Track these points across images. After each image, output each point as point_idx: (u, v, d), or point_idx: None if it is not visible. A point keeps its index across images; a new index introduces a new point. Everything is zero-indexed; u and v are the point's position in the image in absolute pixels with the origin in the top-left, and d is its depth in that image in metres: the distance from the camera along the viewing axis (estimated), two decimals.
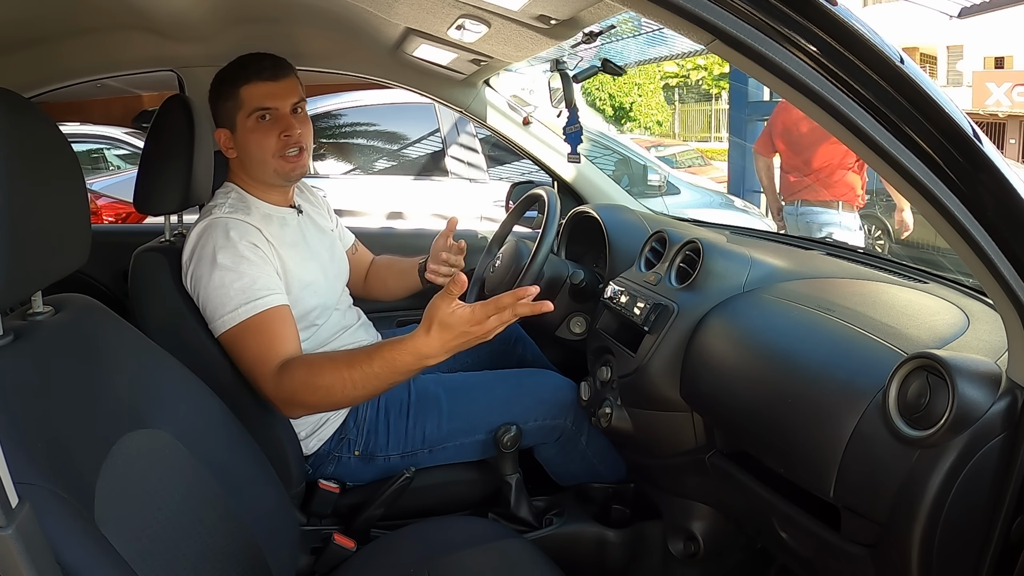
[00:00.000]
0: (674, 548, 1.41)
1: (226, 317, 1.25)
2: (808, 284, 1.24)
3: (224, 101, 1.36)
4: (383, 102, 4.33)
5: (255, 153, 1.36)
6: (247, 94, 1.34)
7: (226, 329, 1.26)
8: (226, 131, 1.38)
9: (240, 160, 1.40)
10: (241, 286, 1.25)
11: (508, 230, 1.75)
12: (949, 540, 0.79)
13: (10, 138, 0.70)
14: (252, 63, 1.35)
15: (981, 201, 0.69)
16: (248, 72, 1.34)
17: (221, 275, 1.25)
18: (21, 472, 0.61)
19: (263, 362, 1.23)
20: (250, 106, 1.34)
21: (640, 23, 1.40)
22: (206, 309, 1.28)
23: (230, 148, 1.39)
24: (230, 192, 1.39)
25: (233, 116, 1.36)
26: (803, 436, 0.95)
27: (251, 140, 1.36)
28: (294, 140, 1.36)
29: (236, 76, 1.35)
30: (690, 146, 12.66)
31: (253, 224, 1.31)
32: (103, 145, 6.59)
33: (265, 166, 1.37)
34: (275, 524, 1.08)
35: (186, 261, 1.31)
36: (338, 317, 1.49)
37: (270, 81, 1.34)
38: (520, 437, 1.42)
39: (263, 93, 1.34)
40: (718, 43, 0.71)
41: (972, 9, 6.91)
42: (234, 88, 1.35)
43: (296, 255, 1.37)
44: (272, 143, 1.35)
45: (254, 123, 1.35)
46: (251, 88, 1.34)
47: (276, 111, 1.35)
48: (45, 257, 0.78)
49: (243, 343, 1.25)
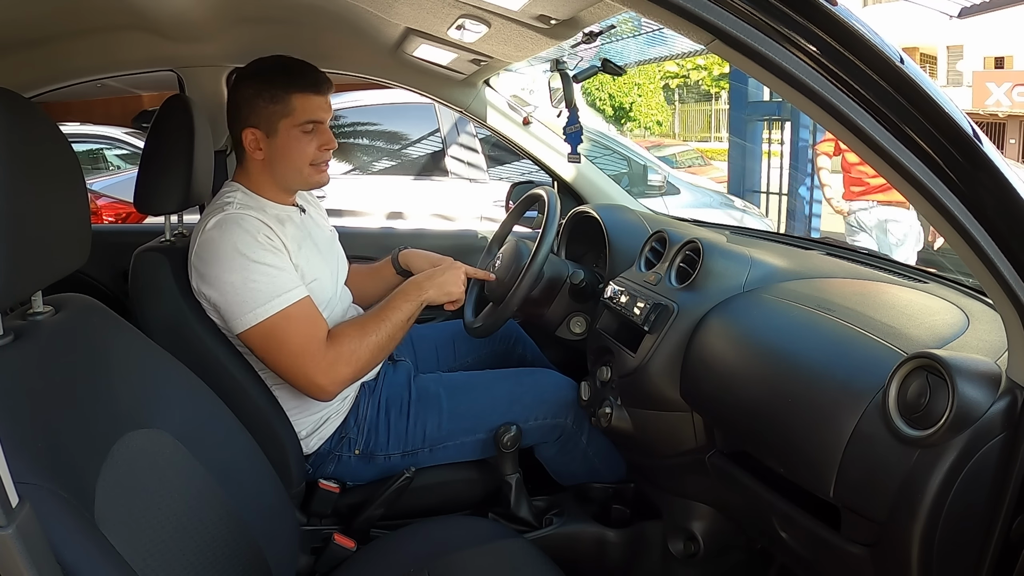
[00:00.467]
0: (674, 548, 1.41)
1: (259, 310, 1.25)
2: (808, 284, 1.24)
3: (269, 104, 1.33)
4: (383, 102, 4.33)
5: (294, 160, 1.36)
6: (300, 103, 1.34)
7: (259, 322, 1.25)
8: (259, 132, 1.35)
9: (267, 162, 1.38)
10: (270, 279, 1.26)
11: (508, 230, 1.75)
12: (949, 539, 0.79)
13: (10, 138, 0.70)
14: (305, 72, 1.36)
15: (981, 201, 0.69)
16: (303, 81, 1.34)
17: (247, 270, 1.25)
18: (21, 472, 0.61)
19: (315, 341, 1.28)
20: (302, 116, 1.34)
21: (640, 23, 1.40)
22: (229, 306, 1.26)
23: (258, 150, 1.37)
24: (236, 191, 1.38)
25: (276, 120, 1.34)
26: (803, 436, 0.95)
27: (293, 147, 1.36)
28: (330, 152, 1.40)
29: (288, 83, 1.34)
30: (690, 146, 12.67)
31: (264, 221, 1.31)
32: (103, 145, 6.59)
33: (299, 173, 1.38)
34: (275, 524, 1.08)
35: (196, 260, 1.29)
36: (341, 309, 1.49)
37: (321, 95, 1.36)
38: (520, 437, 1.42)
39: (315, 105, 1.35)
40: (718, 43, 0.71)
41: (972, 9, 6.91)
42: (285, 94, 1.33)
43: (304, 252, 1.37)
44: (311, 152, 1.37)
45: (299, 132, 1.35)
46: (304, 99, 1.34)
47: (322, 124, 1.38)
48: (45, 257, 0.78)
49: (286, 331, 1.26)
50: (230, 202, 1.33)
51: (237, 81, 1.39)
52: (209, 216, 1.32)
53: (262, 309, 1.25)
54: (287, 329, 1.26)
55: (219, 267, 1.26)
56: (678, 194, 4.66)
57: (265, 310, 1.25)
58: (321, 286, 1.40)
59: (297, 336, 1.27)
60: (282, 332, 1.26)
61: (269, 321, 1.25)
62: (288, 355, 1.27)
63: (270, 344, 1.27)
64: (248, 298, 1.25)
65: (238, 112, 1.37)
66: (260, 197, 1.39)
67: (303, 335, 1.27)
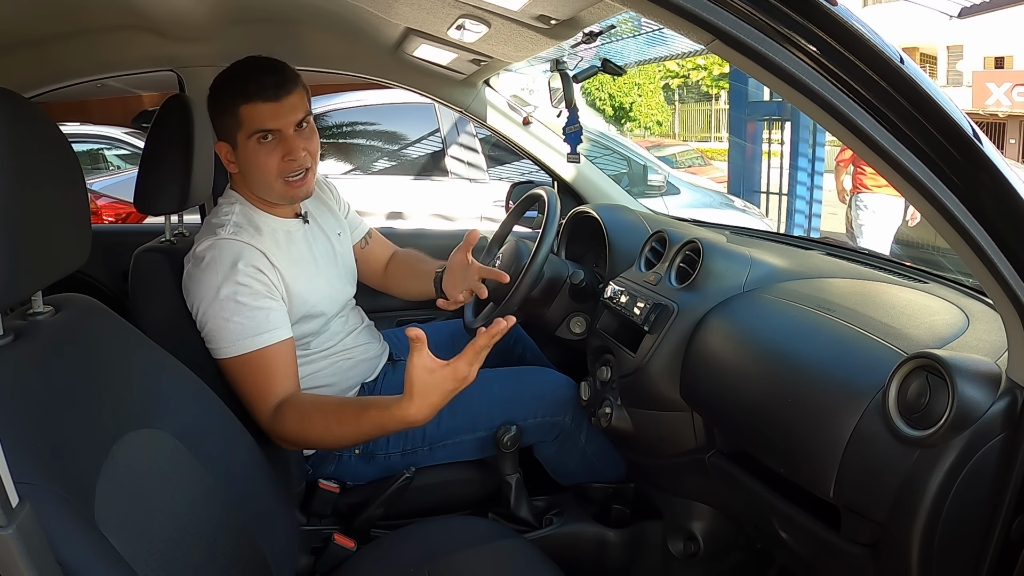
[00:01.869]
0: (674, 548, 1.41)
1: (223, 347, 1.25)
2: (808, 284, 1.24)
3: (223, 117, 1.30)
4: (383, 102, 4.33)
5: (257, 175, 1.31)
6: (247, 114, 1.27)
7: (221, 358, 1.26)
8: (227, 146, 1.32)
9: (241, 176, 1.35)
10: (242, 320, 1.24)
11: (508, 230, 1.75)
12: (949, 540, 0.79)
13: (10, 138, 0.70)
14: (252, 78, 1.27)
15: (981, 201, 0.69)
16: (249, 90, 1.26)
17: (222, 305, 1.24)
18: (21, 472, 0.61)
19: (259, 398, 1.24)
20: (250, 127, 1.27)
21: (640, 23, 1.39)
22: (203, 329, 1.27)
23: (231, 163, 1.33)
24: (235, 205, 1.34)
25: (233, 134, 1.29)
26: (803, 436, 0.95)
27: (253, 162, 1.30)
28: (298, 164, 1.30)
29: (236, 92, 1.27)
30: (690, 146, 12.66)
31: (259, 248, 1.27)
32: (103, 145, 6.59)
33: (269, 188, 1.32)
34: (275, 524, 1.08)
35: (186, 278, 1.29)
36: (340, 323, 1.48)
37: (272, 101, 1.26)
38: (520, 437, 1.42)
39: (265, 114, 1.26)
40: (718, 43, 0.71)
41: (972, 9, 6.91)
42: (233, 105, 1.27)
43: (302, 274, 1.35)
44: (274, 166, 1.29)
45: (255, 144, 1.28)
46: (251, 108, 1.26)
47: (279, 132, 1.28)
48: (45, 257, 0.78)
49: (240, 376, 1.25)
50: (225, 223, 1.30)
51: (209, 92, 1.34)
52: (203, 236, 1.30)
53: (224, 349, 1.25)
54: (244, 373, 1.25)
55: (200, 295, 1.26)
56: (678, 194, 4.66)
57: (227, 350, 1.25)
58: (317, 300, 1.38)
59: (249, 383, 1.25)
60: (240, 374, 1.25)
61: (230, 360, 1.25)
62: (242, 396, 1.26)
63: (230, 378, 1.27)
64: (216, 334, 1.25)
65: (212, 125, 1.35)
66: (257, 211, 1.36)
67: (255, 384, 1.24)
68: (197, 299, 1.26)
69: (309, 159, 1.32)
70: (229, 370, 1.26)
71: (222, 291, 1.24)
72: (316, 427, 1.20)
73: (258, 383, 1.24)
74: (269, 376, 1.24)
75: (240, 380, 1.26)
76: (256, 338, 1.24)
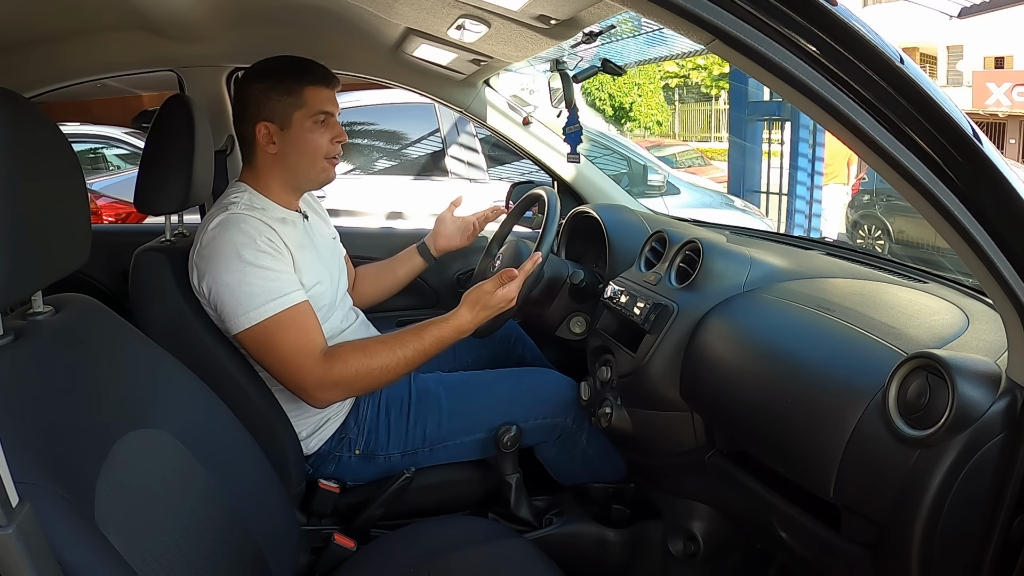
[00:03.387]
0: (674, 548, 1.41)
1: (252, 313, 1.25)
2: (808, 284, 1.24)
3: (280, 95, 1.36)
4: (383, 102, 4.33)
5: (308, 152, 1.39)
6: (313, 95, 1.37)
7: (252, 325, 1.26)
8: (272, 125, 1.37)
9: (279, 156, 1.39)
10: (266, 282, 1.26)
11: (508, 230, 1.75)
12: (949, 539, 0.79)
13: (10, 138, 0.70)
14: (314, 66, 1.39)
15: (981, 201, 0.69)
16: (314, 75, 1.38)
17: (244, 272, 1.25)
18: (21, 471, 0.61)
19: (306, 352, 1.26)
20: (315, 107, 1.37)
21: (640, 23, 1.40)
22: (225, 306, 1.27)
23: (271, 143, 1.38)
24: (243, 191, 1.38)
25: (290, 113, 1.36)
26: (803, 436, 0.95)
27: (308, 139, 1.38)
28: (342, 146, 1.43)
29: (300, 75, 1.37)
30: (690, 146, 12.66)
31: (268, 223, 1.31)
32: (103, 145, 6.59)
33: (313, 166, 1.40)
34: (275, 524, 1.08)
35: (198, 258, 1.29)
36: (340, 315, 1.49)
37: (332, 88, 1.40)
38: (520, 437, 1.42)
39: (327, 97, 1.39)
40: (718, 43, 0.71)
41: (972, 9, 6.91)
42: (298, 86, 1.36)
43: (306, 256, 1.37)
44: (325, 145, 1.39)
45: (312, 124, 1.37)
46: (317, 91, 1.37)
47: (332, 116, 1.40)
48: (45, 257, 0.78)
49: (278, 337, 1.26)
50: (235, 202, 1.34)
51: (245, 79, 1.40)
52: (213, 215, 1.32)
53: (256, 312, 1.25)
54: (281, 333, 1.26)
55: (217, 267, 1.26)
56: (678, 194, 4.67)
57: (259, 313, 1.25)
58: (322, 291, 1.40)
59: (290, 341, 1.27)
60: (275, 336, 1.26)
61: (263, 324, 1.26)
62: (280, 359, 1.27)
63: (263, 347, 1.28)
64: (244, 300, 1.25)
65: (246, 109, 1.38)
66: (266, 198, 1.39)
67: (296, 341, 1.27)
68: (215, 270, 1.27)
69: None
70: (261, 336, 1.27)
71: (244, 256, 1.26)
72: (381, 356, 1.28)
73: (299, 339, 1.27)
74: (307, 329, 1.28)
75: (277, 342, 1.26)
76: (285, 297, 1.27)
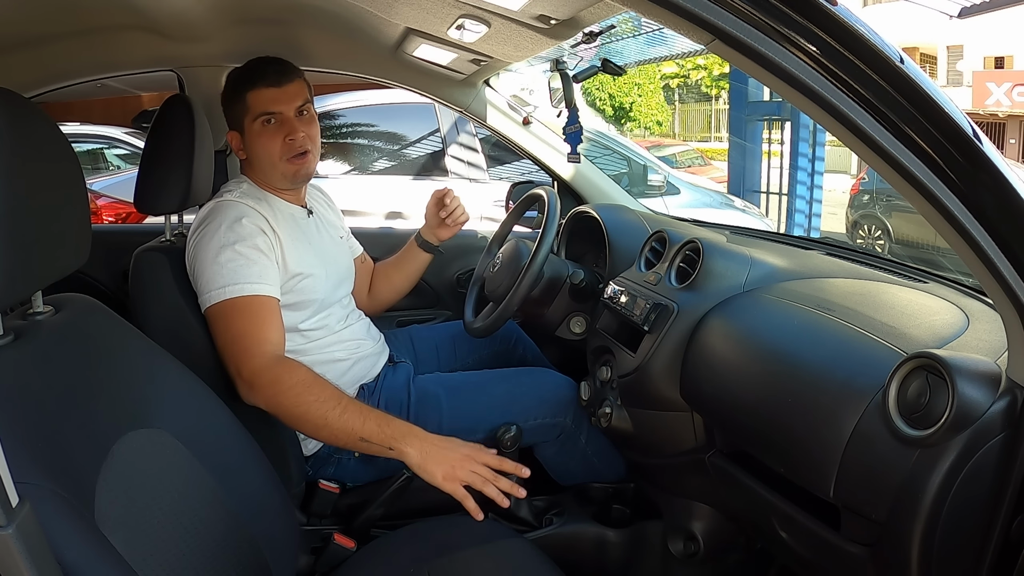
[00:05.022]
0: (674, 548, 1.41)
1: (213, 292, 1.28)
2: (808, 284, 1.24)
3: (233, 105, 1.43)
4: (383, 102, 4.33)
5: (262, 156, 1.42)
6: (253, 99, 1.40)
7: (211, 304, 1.29)
8: (237, 134, 1.45)
9: (248, 162, 1.46)
10: (236, 267, 1.29)
11: (508, 230, 1.75)
12: (949, 539, 0.79)
13: (10, 138, 0.70)
14: (258, 68, 1.42)
15: (981, 201, 0.69)
16: (254, 77, 1.41)
17: (219, 252, 1.29)
18: (21, 471, 0.61)
19: (255, 340, 1.26)
20: (255, 111, 1.40)
21: (640, 23, 1.40)
22: (198, 281, 1.31)
23: (240, 150, 1.46)
24: (243, 183, 1.44)
25: (241, 119, 1.42)
26: (803, 436, 0.95)
27: (257, 144, 1.42)
28: (298, 144, 1.41)
29: (243, 81, 1.42)
30: (690, 146, 12.67)
31: (260, 212, 1.35)
32: (103, 145, 6.59)
33: (273, 169, 1.43)
34: (275, 524, 1.08)
35: (190, 235, 1.35)
36: (338, 315, 1.50)
37: (274, 87, 1.40)
38: (520, 437, 1.42)
39: (267, 98, 1.40)
40: (718, 43, 0.71)
41: (972, 9, 6.92)
42: (241, 93, 1.41)
43: (297, 248, 1.40)
44: (277, 147, 1.41)
45: (259, 127, 1.41)
46: (256, 93, 1.40)
47: (280, 115, 1.41)
48: (45, 257, 0.78)
49: (233, 319, 1.28)
50: (231, 190, 1.41)
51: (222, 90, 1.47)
52: (209, 204, 1.39)
53: (219, 291, 1.28)
54: (236, 317, 1.28)
55: (199, 243, 1.31)
56: (678, 194, 4.67)
57: (221, 292, 1.28)
58: (312, 285, 1.41)
59: (242, 327, 1.27)
60: (231, 318, 1.28)
61: (223, 304, 1.28)
62: (228, 341, 1.28)
63: (218, 328, 1.30)
64: (212, 278, 1.29)
65: (225, 118, 1.46)
66: (265, 191, 1.44)
67: (247, 327, 1.27)
68: (199, 250, 1.31)
69: (309, 142, 1.43)
70: (222, 315, 1.28)
71: (223, 238, 1.30)
72: (327, 389, 1.23)
73: (250, 327, 1.28)
74: (263, 323, 1.28)
75: (233, 324, 1.28)
76: (250, 285, 1.28)
